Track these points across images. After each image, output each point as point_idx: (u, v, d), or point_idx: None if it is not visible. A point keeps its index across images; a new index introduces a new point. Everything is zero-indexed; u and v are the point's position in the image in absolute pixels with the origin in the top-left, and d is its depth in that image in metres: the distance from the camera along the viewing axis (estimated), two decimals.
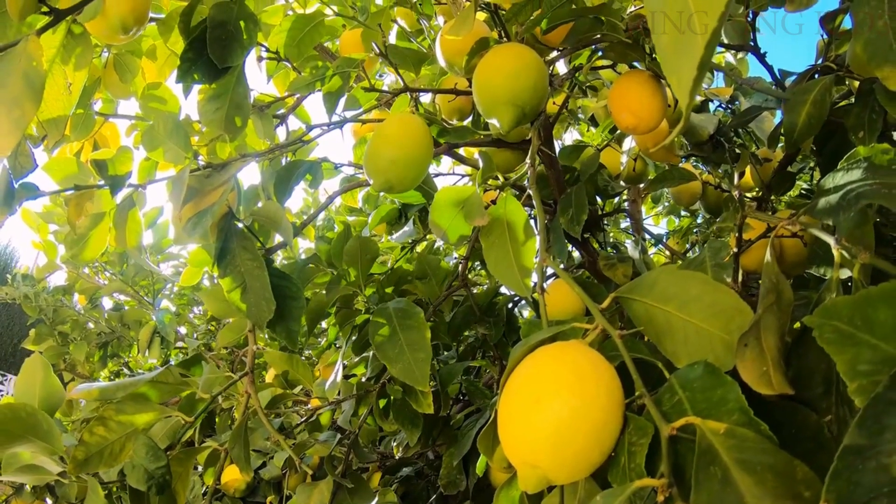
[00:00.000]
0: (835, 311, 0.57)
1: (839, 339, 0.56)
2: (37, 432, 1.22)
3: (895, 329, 0.54)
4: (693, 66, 0.38)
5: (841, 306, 0.57)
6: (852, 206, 0.72)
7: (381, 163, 1.17)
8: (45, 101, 1.11)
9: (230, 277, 1.28)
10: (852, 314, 0.56)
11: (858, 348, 0.55)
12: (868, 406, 0.49)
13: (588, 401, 0.67)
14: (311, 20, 1.59)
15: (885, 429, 0.48)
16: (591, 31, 1.30)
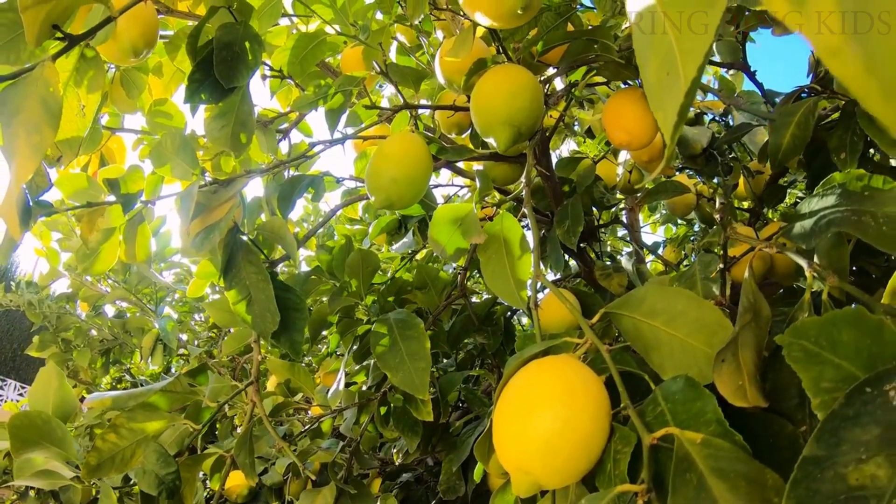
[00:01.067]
0: (803, 331, 0.62)
1: (806, 358, 0.61)
2: (51, 439, 1.27)
3: (856, 350, 0.59)
4: (674, 111, 0.41)
5: (809, 327, 0.62)
6: (823, 233, 0.76)
7: (383, 181, 1.21)
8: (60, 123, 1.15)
9: (236, 290, 1.32)
10: (819, 335, 0.61)
11: (822, 367, 0.60)
12: (826, 421, 0.54)
13: (576, 412, 0.71)
14: (313, 38, 1.63)
15: (842, 442, 0.52)
16: (584, 52, 1.35)
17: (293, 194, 1.57)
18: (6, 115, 0.92)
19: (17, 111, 0.92)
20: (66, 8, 0.97)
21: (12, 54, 1.15)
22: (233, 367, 3.78)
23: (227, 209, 1.26)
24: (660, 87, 0.44)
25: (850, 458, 0.52)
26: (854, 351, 0.59)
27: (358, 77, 1.51)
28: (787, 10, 0.27)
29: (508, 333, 1.95)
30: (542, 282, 1.03)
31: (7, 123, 0.92)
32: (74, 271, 3.93)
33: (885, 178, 0.78)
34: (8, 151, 0.91)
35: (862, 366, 0.58)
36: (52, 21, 0.97)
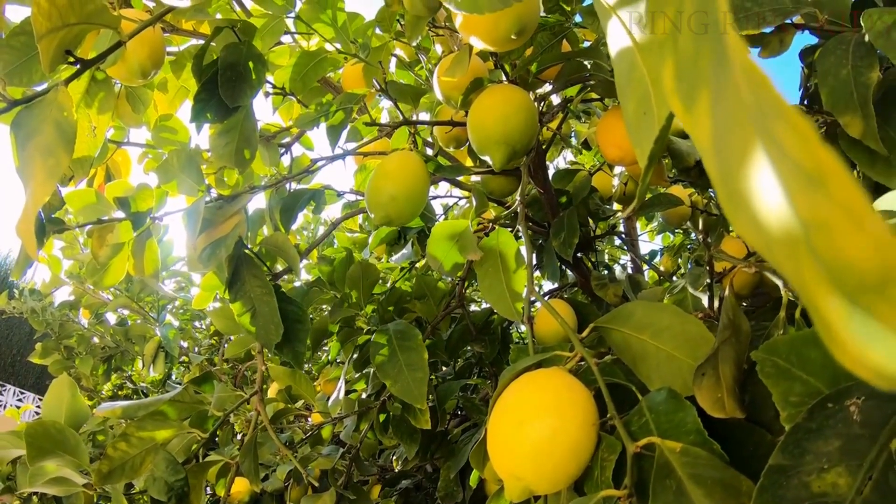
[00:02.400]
0: (775, 349, 0.66)
1: (777, 374, 0.65)
2: (65, 447, 1.32)
3: (823, 367, 0.63)
4: (647, 150, 0.44)
5: (781, 344, 0.66)
6: None
7: (382, 199, 1.25)
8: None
9: (240, 302, 1.36)
10: (789, 352, 0.66)
11: (791, 382, 0.64)
12: (790, 433, 0.58)
13: (565, 422, 0.76)
14: (314, 56, 1.67)
15: (805, 452, 0.57)
16: (578, 72, 1.39)
17: (295, 207, 1.61)
18: (22, 138, 0.96)
19: (32, 134, 0.96)
20: (77, 34, 1.01)
21: (25, 76, 1.18)
22: (234, 375, 3.82)
23: (233, 225, 1.30)
24: (637, 125, 0.46)
25: (813, 467, 0.56)
26: (820, 368, 0.64)
27: (358, 94, 1.55)
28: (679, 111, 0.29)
29: (505, 343, 1.99)
30: (536, 297, 1.08)
31: (23, 146, 0.95)
32: (77, 279, 3.96)
33: None
34: (24, 173, 0.94)
35: (827, 382, 0.63)
36: (64, 47, 1.00)
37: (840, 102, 0.98)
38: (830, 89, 0.99)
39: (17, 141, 0.96)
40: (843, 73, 0.99)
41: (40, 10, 0.93)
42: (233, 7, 1.75)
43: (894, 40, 0.91)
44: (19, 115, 0.98)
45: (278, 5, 1.52)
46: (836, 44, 1.02)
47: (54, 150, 0.94)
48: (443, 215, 2.62)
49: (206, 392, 1.62)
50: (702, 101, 0.26)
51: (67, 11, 0.96)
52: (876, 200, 0.89)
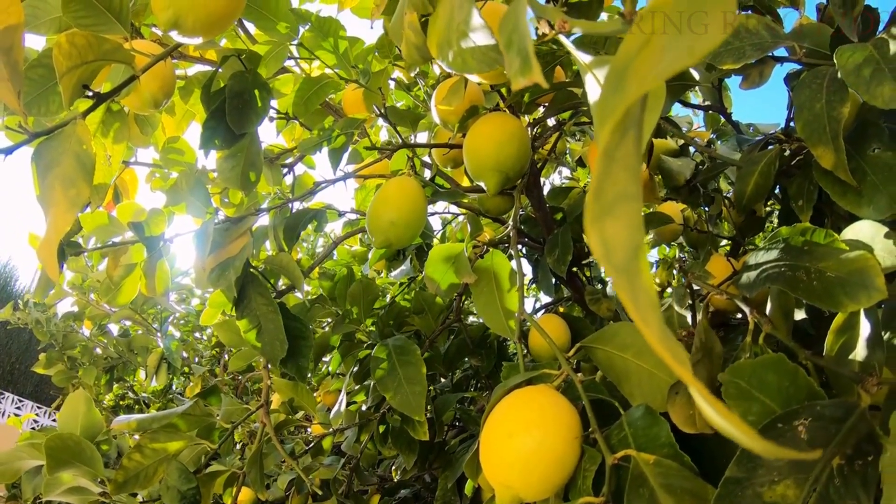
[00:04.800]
0: (739, 372, 0.73)
1: (739, 394, 0.72)
2: (81, 458, 1.38)
3: (778, 390, 0.71)
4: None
5: (744, 368, 0.73)
6: (761, 286, 0.88)
7: (382, 223, 1.31)
8: None
9: (247, 319, 1.41)
10: (751, 375, 0.73)
11: (750, 403, 0.71)
12: (744, 448, 0.65)
13: (549, 435, 0.83)
14: (317, 82, 1.73)
15: (758, 466, 0.64)
16: (570, 100, 1.45)
17: (298, 226, 1.67)
18: (42, 168, 1.01)
19: (52, 165, 1.01)
20: (94, 70, 1.07)
21: (42, 107, 1.25)
22: (235, 386, 3.87)
23: (241, 246, 1.36)
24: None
25: (765, 479, 0.63)
26: (776, 391, 0.71)
27: (359, 119, 1.61)
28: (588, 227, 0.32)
29: (502, 356, 2.03)
30: (527, 318, 1.14)
31: (43, 176, 1.01)
32: (79, 290, 4.00)
33: (826, 232, 0.88)
34: (44, 201, 1.00)
35: (781, 403, 0.70)
36: (82, 82, 1.06)
37: (814, 135, 1.02)
38: (805, 122, 1.04)
39: (38, 171, 1.01)
40: (817, 106, 1.03)
41: (61, 51, 0.99)
42: (237, 33, 1.82)
43: (864, 77, 0.95)
44: (40, 147, 1.03)
45: (282, 33, 1.58)
46: (812, 77, 1.06)
47: (75, 181, 0.99)
48: (441, 230, 2.68)
49: (213, 404, 1.68)
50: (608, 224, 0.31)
51: (86, 50, 1.02)
52: (845, 230, 0.95)
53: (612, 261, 0.28)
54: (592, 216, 0.29)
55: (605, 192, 0.28)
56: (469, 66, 0.71)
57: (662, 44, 0.30)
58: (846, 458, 0.64)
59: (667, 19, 0.33)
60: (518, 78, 0.47)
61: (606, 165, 0.28)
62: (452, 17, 0.72)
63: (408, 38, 0.99)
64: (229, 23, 1.12)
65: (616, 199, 0.28)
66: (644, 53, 0.33)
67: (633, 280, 0.27)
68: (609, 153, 0.28)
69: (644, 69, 0.31)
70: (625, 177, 0.28)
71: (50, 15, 1.40)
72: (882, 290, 0.77)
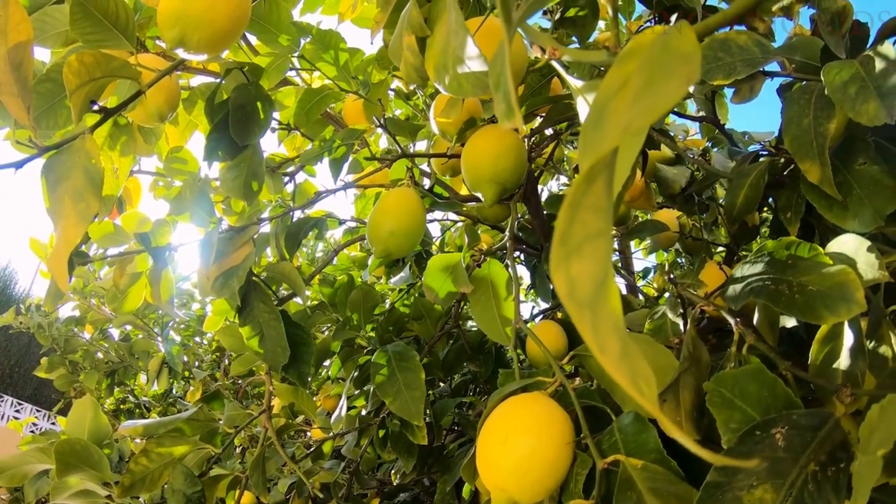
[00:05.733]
0: (723, 381, 0.77)
1: (722, 403, 0.76)
2: (89, 462, 1.41)
3: (758, 399, 0.74)
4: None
5: (727, 377, 0.77)
6: (745, 299, 0.91)
7: (382, 234, 1.34)
8: None
9: (249, 326, 1.44)
10: (734, 384, 0.76)
11: (732, 411, 0.75)
12: (724, 454, 0.68)
13: (543, 441, 0.87)
14: (317, 93, 1.76)
15: (738, 471, 0.67)
16: (566, 112, 1.47)
17: (299, 234, 1.70)
18: (52, 182, 1.04)
19: (62, 179, 1.04)
20: (101, 86, 1.10)
21: (51, 120, 1.28)
22: (235, 390, 3.90)
23: (244, 256, 1.39)
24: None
25: (744, 484, 0.67)
26: (756, 400, 0.74)
27: (359, 130, 1.63)
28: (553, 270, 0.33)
29: (499, 362, 2.06)
30: (522, 327, 1.17)
31: (53, 189, 1.03)
32: (81, 294, 4.02)
33: (810, 246, 0.91)
34: (54, 213, 1.03)
35: (760, 412, 0.74)
36: (90, 98, 1.09)
37: (801, 150, 1.05)
38: (793, 137, 1.06)
39: (47, 184, 1.04)
40: (804, 121, 1.06)
41: (70, 69, 1.02)
42: (240, 45, 1.85)
43: (850, 95, 0.97)
44: (50, 160, 1.06)
45: (284, 45, 1.61)
46: (801, 93, 1.09)
47: (84, 195, 1.02)
48: (440, 237, 2.71)
49: (215, 409, 1.71)
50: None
51: (94, 68, 1.05)
52: (830, 243, 0.97)
53: (575, 296, 0.31)
54: (557, 260, 0.32)
55: (571, 236, 0.31)
56: (464, 89, 0.74)
57: (636, 89, 0.33)
58: (820, 465, 0.67)
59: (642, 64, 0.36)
60: (503, 120, 0.50)
61: (572, 213, 0.31)
62: (448, 43, 0.75)
63: (406, 59, 1.02)
64: (234, 39, 1.15)
65: (583, 240, 0.31)
66: (621, 94, 0.36)
67: (596, 312, 0.30)
68: (575, 202, 0.31)
69: (620, 110, 0.34)
70: (593, 217, 0.30)
71: (56, 29, 1.43)
72: (861, 303, 0.80)
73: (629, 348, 0.29)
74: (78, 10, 1.13)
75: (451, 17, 0.75)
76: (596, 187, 0.31)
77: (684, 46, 0.33)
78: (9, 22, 1.01)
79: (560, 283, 0.31)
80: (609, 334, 0.29)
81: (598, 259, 0.30)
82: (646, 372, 0.29)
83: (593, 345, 0.30)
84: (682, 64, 0.32)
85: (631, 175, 1.61)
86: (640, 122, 0.30)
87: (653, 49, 0.35)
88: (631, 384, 0.29)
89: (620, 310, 0.29)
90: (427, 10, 1.12)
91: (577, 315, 0.30)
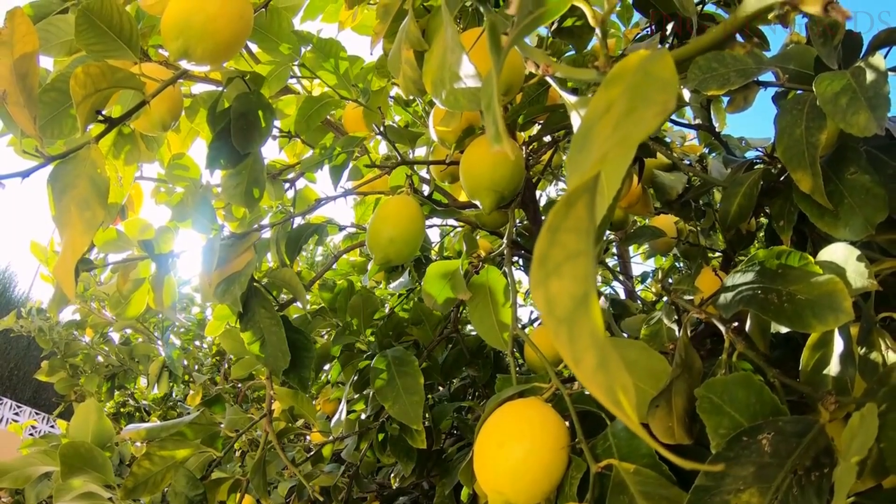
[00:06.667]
0: (714, 388, 0.79)
1: (711, 409, 0.78)
2: (93, 465, 1.43)
3: (746, 405, 0.76)
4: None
5: (717, 384, 0.79)
6: (735, 308, 0.93)
7: (382, 241, 1.36)
8: None
9: (251, 332, 1.46)
10: (723, 391, 0.78)
11: (721, 417, 0.77)
12: (712, 459, 0.70)
13: (538, 445, 0.89)
14: (318, 101, 1.78)
15: (726, 475, 0.69)
16: (562, 121, 1.49)
17: (299, 240, 1.71)
18: (58, 190, 1.06)
19: (68, 188, 1.06)
20: (107, 96, 1.12)
21: (55, 129, 1.30)
22: (235, 394, 3.91)
23: (245, 262, 1.41)
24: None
25: (731, 487, 0.69)
26: (744, 406, 0.77)
27: (359, 138, 1.65)
28: (532, 290, 0.35)
29: (498, 366, 2.08)
30: (519, 334, 1.19)
31: (59, 198, 1.05)
32: (81, 298, 4.03)
33: (800, 255, 0.93)
34: (60, 221, 1.05)
35: (748, 418, 0.76)
36: (95, 108, 1.11)
37: (793, 159, 1.06)
38: (785, 147, 1.08)
39: (53, 193, 1.06)
40: (797, 132, 1.07)
41: (77, 81, 1.04)
42: (240, 52, 1.86)
43: (841, 106, 0.99)
44: (56, 170, 1.08)
45: (285, 54, 1.63)
46: (794, 104, 1.10)
47: (90, 204, 1.04)
48: (439, 241, 2.73)
49: (216, 413, 1.73)
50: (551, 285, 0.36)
51: (99, 79, 1.07)
52: (820, 252, 0.99)
53: (553, 313, 0.32)
54: (536, 281, 0.33)
55: (550, 258, 0.32)
56: (461, 104, 0.77)
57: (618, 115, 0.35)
58: (805, 470, 0.69)
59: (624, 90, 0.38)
60: (492, 143, 0.52)
61: (551, 236, 0.33)
62: (445, 59, 0.78)
63: (405, 73, 1.04)
64: (236, 51, 1.17)
65: (563, 261, 0.32)
66: (605, 119, 0.38)
67: (573, 326, 0.32)
68: (554, 226, 0.33)
69: (604, 135, 0.36)
70: (573, 239, 0.32)
71: (60, 38, 1.45)
72: (849, 312, 0.82)
73: (608, 360, 0.30)
74: (83, 22, 1.15)
75: (447, 34, 0.77)
76: (576, 210, 0.32)
77: (663, 74, 0.35)
78: (15, 33, 1.03)
79: (539, 302, 0.32)
80: (586, 348, 0.31)
81: (577, 277, 0.31)
82: (624, 382, 0.30)
83: (568, 358, 0.31)
84: (661, 91, 0.33)
85: (626, 183, 1.63)
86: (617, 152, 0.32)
87: (635, 75, 0.37)
88: (605, 395, 0.30)
89: (601, 324, 0.31)
90: (426, 20, 1.15)
91: (555, 330, 0.32)
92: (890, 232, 1.08)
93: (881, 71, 1.00)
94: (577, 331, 0.31)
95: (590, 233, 0.32)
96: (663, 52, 0.37)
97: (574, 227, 0.32)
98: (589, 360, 0.31)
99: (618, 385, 0.30)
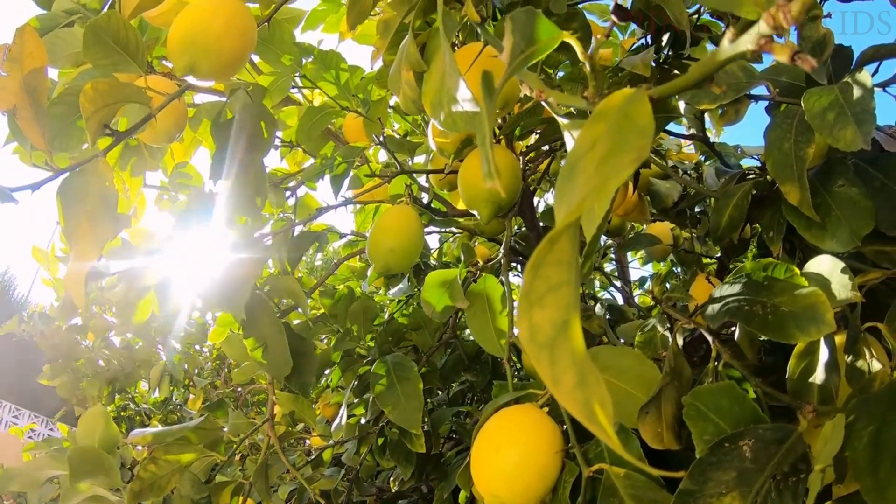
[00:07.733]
0: (700, 396, 0.83)
1: (697, 416, 0.81)
2: (101, 469, 1.46)
3: (729, 412, 0.80)
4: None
5: (704, 392, 0.83)
6: (721, 319, 0.96)
7: (381, 251, 1.39)
8: None
9: (253, 339, 1.48)
10: (707, 399, 0.82)
11: (706, 423, 0.80)
12: (696, 464, 0.74)
13: (531, 450, 0.93)
14: (319, 111, 1.80)
15: (708, 480, 0.73)
16: (559, 133, 1.51)
17: (301, 248, 1.74)
18: (68, 203, 1.08)
19: (77, 201, 1.08)
20: (114, 110, 1.15)
21: (64, 142, 1.32)
22: (236, 398, 3.94)
23: (249, 270, 1.44)
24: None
25: (714, 491, 0.72)
26: (728, 413, 0.80)
27: (360, 148, 1.68)
28: (518, 321, 0.36)
29: (496, 371, 2.11)
30: (516, 342, 1.23)
31: (68, 210, 1.07)
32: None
33: (787, 268, 0.96)
34: (69, 233, 1.07)
35: (731, 425, 0.80)
36: (103, 122, 1.14)
37: (782, 173, 1.10)
38: (774, 160, 1.11)
39: (63, 205, 1.09)
40: (785, 145, 1.10)
41: (86, 97, 1.07)
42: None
43: (828, 121, 1.02)
44: (65, 182, 1.10)
45: (286, 65, 1.66)
46: (783, 118, 1.14)
47: (99, 217, 1.07)
48: (438, 247, 2.76)
49: (219, 418, 1.76)
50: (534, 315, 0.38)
51: (108, 94, 1.10)
52: (807, 263, 1.02)
53: (535, 339, 0.35)
54: (521, 312, 0.36)
55: (534, 290, 0.35)
56: (458, 126, 0.80)
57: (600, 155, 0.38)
58: (783, 475, 0.73)
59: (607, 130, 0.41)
60: (485, 180, 0.55)
61: (534, 271, 0.35)
62: (444, 82, 0.81)
63: (405, 92, 1.08)
64: (241, 66, 1.20)
65: (546, 292, 0.35)
66: (590, 155, 0.41)
67: (554, 350, 0.34)
68: (538, 262, 0.36)
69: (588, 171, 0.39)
70: (556, 271, 0.35)
71: (66, 51, 1.47)
72: (831, 324, 0.85)
73: (587, 377, 0.33)
74: (91, 37, 1.18)
75: (445, 58, 0.80)
76: (559, 246, 0.35)
77: (640, 120, 0.38)
78: (24, 50, 1.06)
79: (523, 331, 0.35)
80: (566, 369, 0.34)
81: (559, 306, 0.34)
82: (602, 397, 0.33)
83: (548, 379, 0.34)
84: (638, 137, 0.36)
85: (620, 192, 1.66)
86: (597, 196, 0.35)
87: (617, 116, 0.40)
88: (581, 412, 0.33)
89: (582, 346, 0.34)
90: (426, 35, 1.18)
91: (536, 356, 0.35)
92: (878, 243, 1.10)
93: (867, 87, 1.02)
94: (557, 354, 0.34)
95: (572, 264, 0.35)
96: (642, 97, 0.40)
97: (557, 260, 0.35)
98: (568, 379, 0.33)
99: (595, 399, 0.33)
